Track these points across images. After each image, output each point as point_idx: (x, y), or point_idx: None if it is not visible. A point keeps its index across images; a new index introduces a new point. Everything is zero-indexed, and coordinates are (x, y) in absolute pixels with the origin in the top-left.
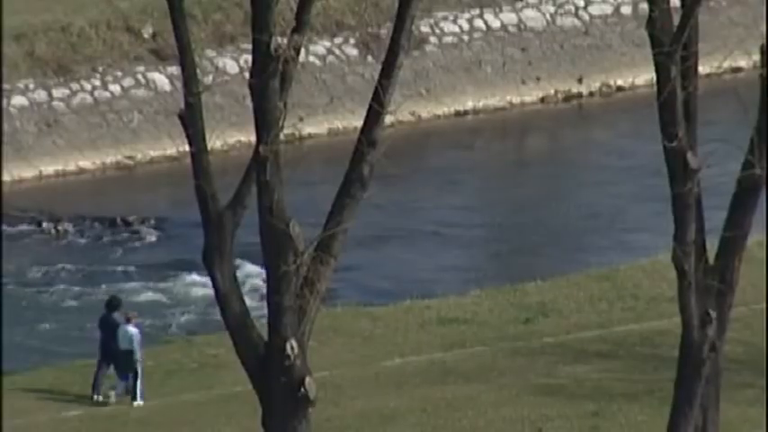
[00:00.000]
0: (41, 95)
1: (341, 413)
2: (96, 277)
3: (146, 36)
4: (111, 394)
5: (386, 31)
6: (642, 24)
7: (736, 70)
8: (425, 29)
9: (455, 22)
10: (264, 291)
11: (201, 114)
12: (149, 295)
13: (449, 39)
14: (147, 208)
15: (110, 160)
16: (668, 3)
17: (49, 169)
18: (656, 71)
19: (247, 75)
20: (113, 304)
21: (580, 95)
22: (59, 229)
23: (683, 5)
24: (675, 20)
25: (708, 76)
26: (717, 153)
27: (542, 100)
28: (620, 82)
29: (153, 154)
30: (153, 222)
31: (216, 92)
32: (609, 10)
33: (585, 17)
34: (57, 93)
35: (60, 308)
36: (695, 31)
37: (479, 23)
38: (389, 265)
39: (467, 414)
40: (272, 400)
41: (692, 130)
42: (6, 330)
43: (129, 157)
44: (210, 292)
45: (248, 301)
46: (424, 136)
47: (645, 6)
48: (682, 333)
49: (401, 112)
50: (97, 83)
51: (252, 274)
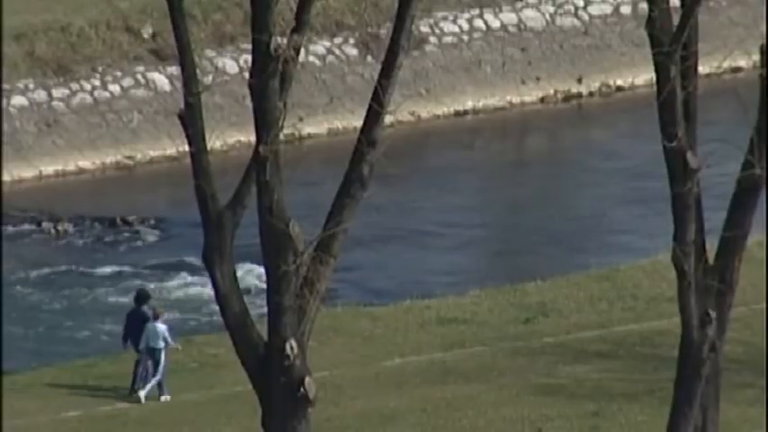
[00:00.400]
0: (41, 95)
1: (341, 413)
2: (96, 277)
3: (145, 36)
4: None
5: (385, 31)
6: (642, 24)
7: (736, 70)
8: (425, 29)
9: (455, 22)
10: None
11: (201, 114)
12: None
13: (448, 39)
14: (146, 208)
15: (109, 160)
16: (668, 3)
17: (49, 169)
18: (656, 71)
19: (247, 75)
20: (142, 297)
21: (580, 95)
22: (59, 228)
23: (682, 5)
24: (675, 20)
25: (708, 76)
26: (716, 153)
27: (542, 100)
28: (619, 82)
29: (153, 154)
30: (153, 222)
31: (216, 92)
32: (608, 10)
33: (585, 17)
34: (56, 93)
35: (60, 308)
36: (695, 31)
37: (479, 23)
38: (389, 265)
39: (467, 414)
40: (271, 400)
41: (691, 129)
42: (6, 330)
43: (129, 157)
44: (210, 291)
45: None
46: (423, 136)
47: (644, 6)
48: (681, 333)
49: (401, 112)
50: (97, 83)
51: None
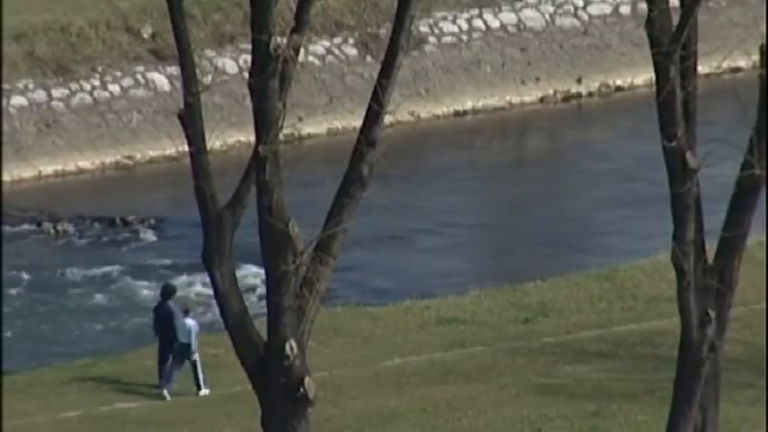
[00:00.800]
0: (41, 95)
1: (340, 413)
2: (96, 277)
3: (145, 36)
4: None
5: (385, 31)
6: (641, 24)
7: (736, 70)
8: (425, 29)
9: (454, 22)
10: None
11: (201, 114)
12: (149, 295)
13: (448, 39)
14: (146, 208)
15: (109, 160)
16: (667, 3)
17: (49, 169)
18: (655, 71)
19: (247, 75)
20: (167, 291)
21: (579, 95)
22: (59, 229)
23: (682, 5)
24: (674, 20)
25: (707, 76)
26: (716, 153)
27: (541, 100)
28: (619, 82)
29: (152, 154)
30: (152, 222)
31: (215, 92)
32: (608, 10)
33: (585, 17)
34: (56, 93)
35: (60, 308)
36: (694, 31)
37: (478, 23)
38: (389, 266)
39: (467, 414)
40: (271, 400)
41: (691, 129)
42: (6, 330)
43: (129, 157)
44: (210, 291)
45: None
46: (423, 136)
47: (644, 6)
48: (681, 333)
49: (400, 112)
50: (96, 83)
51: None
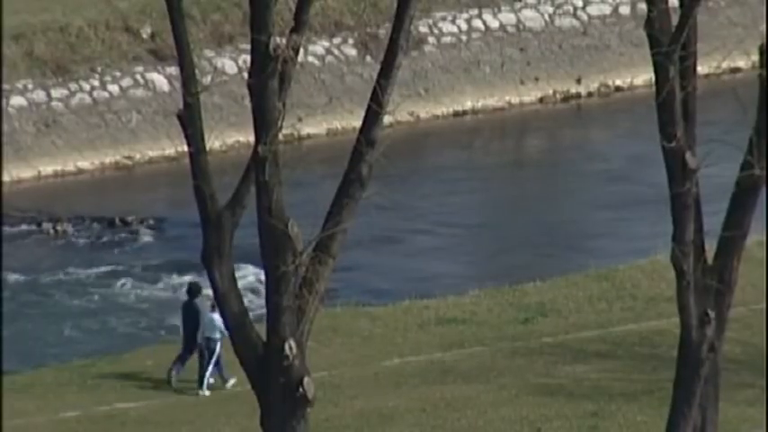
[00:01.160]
0: (40, 95)
1: (340, 413)
2: (95, 277)
3: (144, 36)
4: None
5: (384, 32)
6: (641, 24)
7: (735, 70)
8: (424, 29)
9: (454, 22)
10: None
11: (200, 114)
12: (148, 295)
13: (447, 39)
14: (145, 208)
15: (108, 160)
16: (667, 3)
17: (48, 169)
18: (655, 71)
19: (246, 75)
20: (194, 290)
21: (579, 96)
22: (58, 229)
23: (681, 5)
24: (674, 20)
25: (706, 76)
26: (715, 153)
27: (541, 100)
28: (618, 82)
29: (151, 154)
30: (151, 222)
31: (214, 92)
32: (607, 10)
33: (584, 17)
34: (55, 93)
35: (59, 308)
36: (694, 31)
37: (478, 24)
38: (388, 265)
39: (466, 414)
40: (270, 399)
41: (690, 130)
42: (5, 330)
43: (128, 158)
44: (209, 292)
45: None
46: (422, 136)
47: (643, 6)
48: (680, 333)
49: (400, 112)
50: (96, 83)
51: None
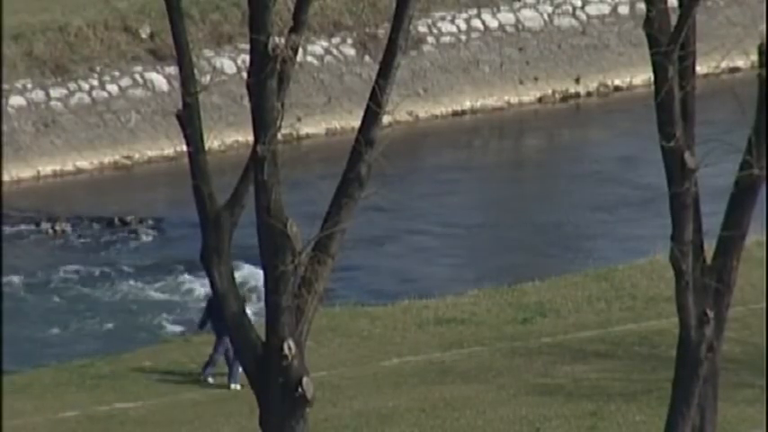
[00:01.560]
0: (39, 95)
1: (339, 413)
2: (94, 277)
3: (143, 36)
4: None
5: (383, 31)
6: (640, 24)
7: (734, 70)
8: (423, 29)
9: (453, 22)
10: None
11: (199, 114)
12: (147, 295)
13: (446, 39)
14: (144, 208)
15: (107, 160)
16: (666, 2)
17: (47, 169)
18: (654, 71)
19: (245, 75)
20: None
21: (578, 95)
22: (57, 229)
23: (680, 5)
24: (673, 19)
25: (706, 76)
26: (714, 153)
27: (540, 100)
28: (617, 82)
29: (151, 154)
30: (151, 222)
31: (213, 92)
32: (606, 10)
33: (583, 17)
34: (54, 93)
35: (58, 308)
36: (693, 31)
37: (477, 23)
38: (387, 265)
39: (465, 414)
40: (269, 399)
41: (689, 129)
42: (5, 330)
43: (127, 157)
44: (208, 291)
45: None
46: (421, 136)
47: (642, 6)
48: (679, 333)
49: (399, 111)
50: (95, 83)
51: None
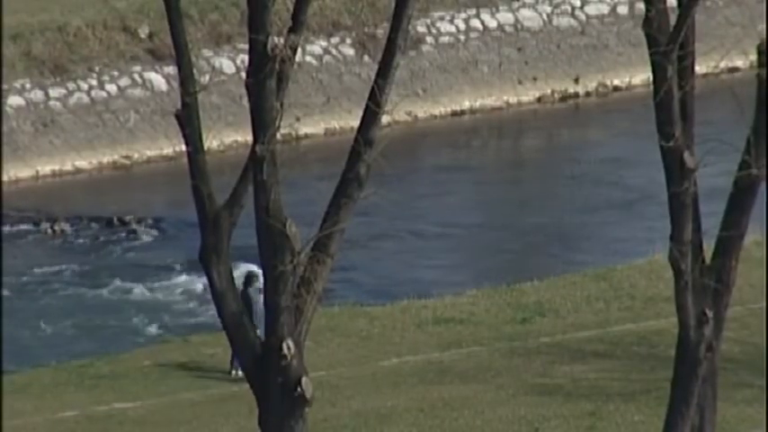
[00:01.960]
0: (38, 95)
1: (338, 413)
2: (93, 277)
3: (142, 36)
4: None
5: (382, 31)
6: (639, 24)
7: (733, 70)
8: (422, 29)
9: (452, 21)
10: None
11: (198, 114)
12: (146, 295)
13: (445, 39)
14: (143, 208)
15: (106, 160)
16: (665, 2)
17: (46, 169)
18: (653, 71)
19: (244, 74)
20: (250, 278)
21: (577, 95)
22: (56, 228)
23: (679, 5)
24: (672, 19)
25: (705, 75)
26: (713, 153)
27: (539, 100)
28: (616, 82)
29: (150, 154)
30: (150, 222)
31: (212, 92)
32: (605, 10)
33: (582, 17)
34: (53, 92)
35: (57, 308)
36: (692, 31)
37: (476, 23)
38: (386, 265)
39: (463, 414)
40: (268, 399)
41: (688, 129)
42: (4, 330)
43: (126, 157)
44: (207, 291)
45: None
46: (420, 136)
47: (641, 6)
48: (678, 333)
49: (398, 111)
50: (94, 82)
51: None
